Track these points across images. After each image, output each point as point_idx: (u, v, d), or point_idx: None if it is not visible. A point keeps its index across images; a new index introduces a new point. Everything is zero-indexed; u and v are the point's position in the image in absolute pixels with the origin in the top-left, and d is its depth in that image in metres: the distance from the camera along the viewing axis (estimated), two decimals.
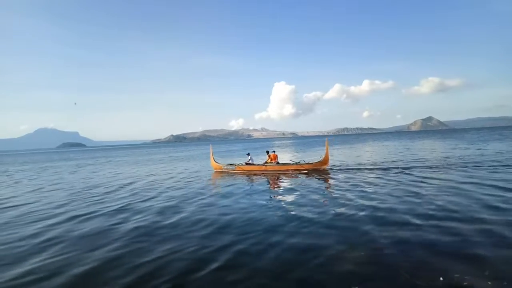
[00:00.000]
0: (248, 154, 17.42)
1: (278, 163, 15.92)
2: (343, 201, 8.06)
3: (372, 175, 12.48)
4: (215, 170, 17.30)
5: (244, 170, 15.93)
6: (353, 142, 55.29)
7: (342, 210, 7.17)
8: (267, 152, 17.08)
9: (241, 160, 18.22)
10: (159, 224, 6.79)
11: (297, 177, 13.23)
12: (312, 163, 15.27)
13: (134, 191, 11.59)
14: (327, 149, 15.53)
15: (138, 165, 26.33)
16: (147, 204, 9.10)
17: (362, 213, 6.76)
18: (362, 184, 10.55)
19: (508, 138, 37.44)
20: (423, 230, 5.51)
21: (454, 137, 54.62)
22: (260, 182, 12.45)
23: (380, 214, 6.64)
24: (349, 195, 8.85)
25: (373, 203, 7.66)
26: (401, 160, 17.50)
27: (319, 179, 12.42)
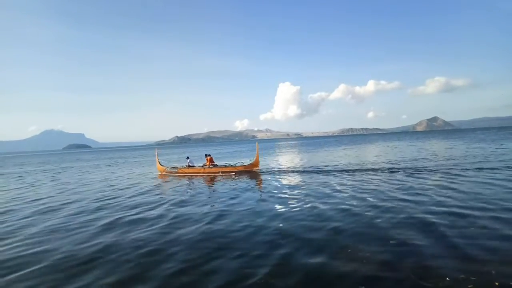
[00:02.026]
0: (187, 158, 18.61)
1: (215, 165, 17.39)
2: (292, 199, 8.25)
3: (298, 178, 13.47)
4: (160, 172, 18.38)
5: (185, 173, 17.25)
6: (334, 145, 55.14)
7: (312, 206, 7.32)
8: (206, 155, 18.37)
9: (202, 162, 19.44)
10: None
11: (231, 177, 14.76)
12: (244, 165, 16.86)
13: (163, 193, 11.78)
14: (257, 152, 16.91)
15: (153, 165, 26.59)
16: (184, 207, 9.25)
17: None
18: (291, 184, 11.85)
19: None
20: (428, 230, 5.52)
21: (460, 137, 54.08)
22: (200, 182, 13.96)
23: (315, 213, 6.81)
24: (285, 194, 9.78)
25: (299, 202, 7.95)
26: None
27: (249, 179, 13.84)
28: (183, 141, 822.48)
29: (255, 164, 16.80)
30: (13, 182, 18.69)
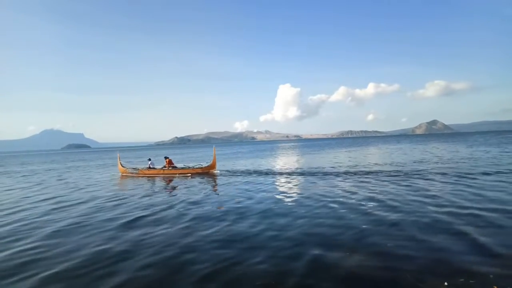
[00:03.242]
0: (149, 160, 19.24)
1: (174, 167, 18.11)
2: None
3: (258, 179, 14.34)
4: (121, 174, 19.18)
5: (145, 174, 18.07)
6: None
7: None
8: (165, 157, 18.87)
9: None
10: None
11: (190, 178, 15.53)
12: (202, 167, 17.68)
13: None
14: (214, 155, 17.98)
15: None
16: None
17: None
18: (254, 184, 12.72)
19: None
20: (429, 233, 5.52)
21: (459, 140, 53.97)
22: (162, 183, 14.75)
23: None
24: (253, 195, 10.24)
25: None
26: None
27: (206, 180, 14.73)
28: (182, 142, 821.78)
29: (212, 166, 17.67)
30: (22, 181, 18.59)
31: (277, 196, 9.85)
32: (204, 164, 18.06)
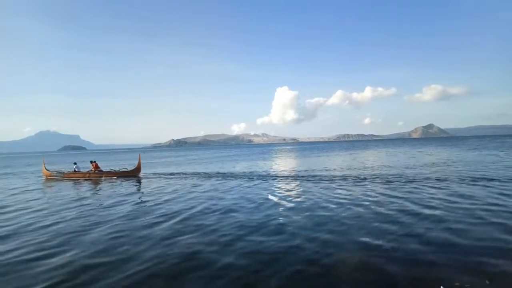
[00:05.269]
0: (75, 164, 20.00)
1: (100, 170, 18.77)
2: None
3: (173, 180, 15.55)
4: (46, 177, 19.56)
5: (70, 177, 18.44)
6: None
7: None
8: (91, 162, 19.49)
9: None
10: None
11: (115, 181, 16.11)
12: (127, 171, 18.57)
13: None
14: (139, 160, 18.80)
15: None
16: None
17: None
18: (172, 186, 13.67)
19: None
20: (424, 238, 5.50)
21: (455, 144, 54.30)
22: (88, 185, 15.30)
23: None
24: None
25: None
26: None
27: (131, 182, 15.57)
28: (179, 144, 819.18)
29: (137, 170, 18.55)
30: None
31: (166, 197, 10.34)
32: (130, 168, 18.97)
